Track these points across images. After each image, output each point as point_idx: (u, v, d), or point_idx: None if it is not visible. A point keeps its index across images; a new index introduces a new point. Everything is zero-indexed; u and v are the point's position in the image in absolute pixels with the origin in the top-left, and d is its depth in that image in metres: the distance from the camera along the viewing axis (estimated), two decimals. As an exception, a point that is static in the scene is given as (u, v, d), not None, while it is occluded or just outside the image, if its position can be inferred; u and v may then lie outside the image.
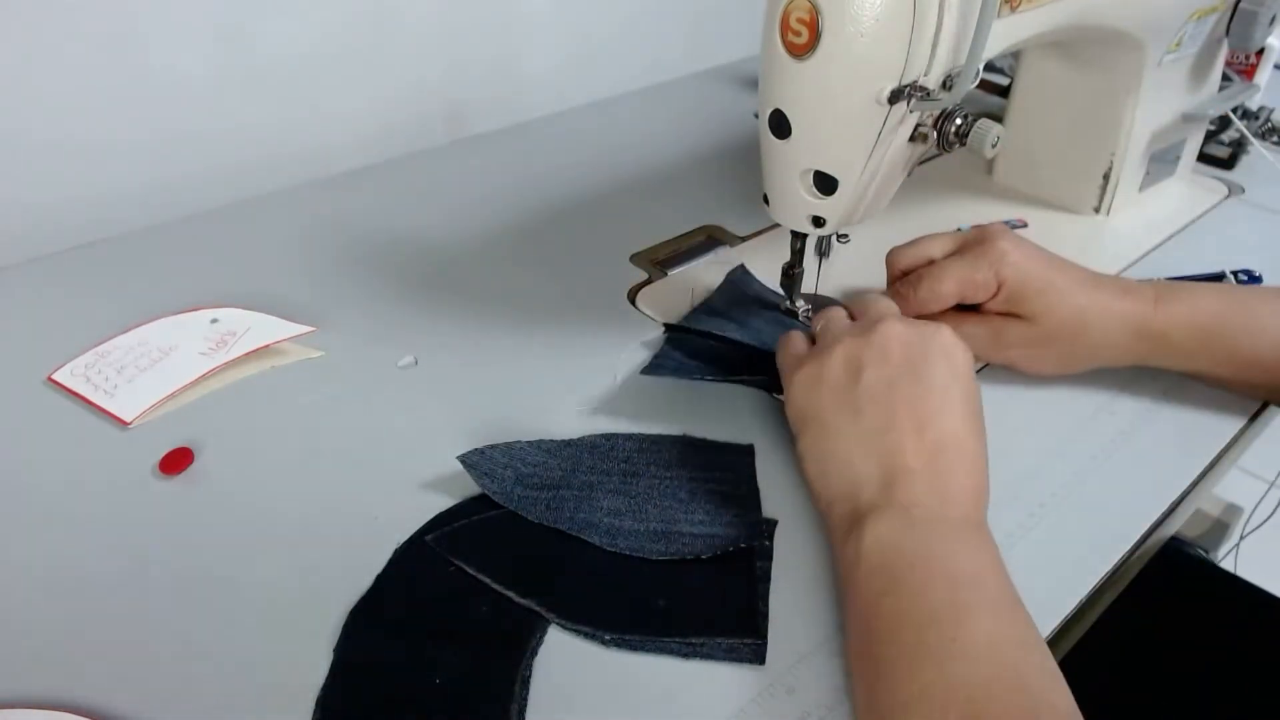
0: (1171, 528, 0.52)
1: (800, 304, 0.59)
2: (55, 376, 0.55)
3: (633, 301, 0.63)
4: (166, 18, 0.71)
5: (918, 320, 0.46)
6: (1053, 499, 0.48)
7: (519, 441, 0.48)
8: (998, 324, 0.53)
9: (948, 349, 0.45)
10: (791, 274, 0.58)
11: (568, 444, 0.49)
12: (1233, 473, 0.59)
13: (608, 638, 0.40)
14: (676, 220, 0.72)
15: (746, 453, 0.50)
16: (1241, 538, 0.99)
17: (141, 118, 0.73)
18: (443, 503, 0.46)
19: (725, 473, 0.48)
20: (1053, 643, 0.42)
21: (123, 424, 0.51)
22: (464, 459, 0.46)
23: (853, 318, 0.50)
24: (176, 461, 0.49)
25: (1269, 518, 0.91)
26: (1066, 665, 0.41)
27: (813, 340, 0.50)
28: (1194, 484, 0.50)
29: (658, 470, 0.48)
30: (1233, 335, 0.51)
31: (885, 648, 0.36)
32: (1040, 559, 0.45)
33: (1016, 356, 0.54)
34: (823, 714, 0.38)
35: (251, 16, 0.75)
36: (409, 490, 0.47)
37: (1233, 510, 1.10)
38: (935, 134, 0.49)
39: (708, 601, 0.42)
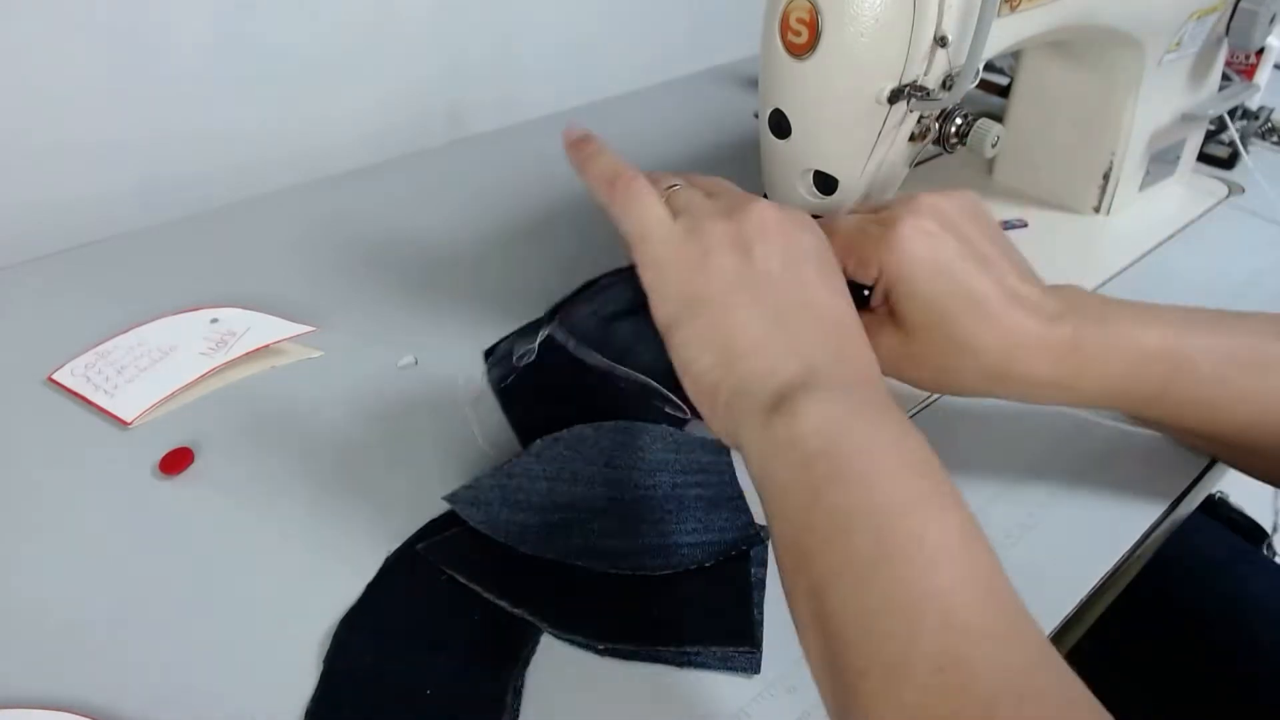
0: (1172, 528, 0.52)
1: None
2: (55, 376, 0.55)
3: (633, 301, 0.63)
4: (166, 17, 0.71)
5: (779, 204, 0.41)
6: (1052, 498, 0.48)
7: (509, 461, 0.46)
8: (872, 322, 0.44)
9: (814, 229, 0.41)
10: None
11: (556, 440, 0.46)
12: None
13: (601, 647, 0.40)
14: (676, 220, 0.72)
15: (724, 450, 0.47)
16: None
17: (141, 117, 0.73)
18: (436, 509, 0.46)
19: (707, 475, 0.47)
20: (1053, 643, 0.42)
21: (123, 424, 0.51)
22: (449, 499, 0.44)
23: None
24: (176, 461, 0.49)
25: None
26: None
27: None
28: (1194, 482, 0.50)
29: (640, 478, 0.46)
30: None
31: (834, 550, 0.31)
32: (1040, 559, 0.45)
33: (887, 368, 0.42)
34: (823, 714, 0.38)
35: (251, 16, 0.75)
36: (405, 495, 0.47)
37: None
38: (935, 134, 0.49)
39: (702, 610, 0.41)
